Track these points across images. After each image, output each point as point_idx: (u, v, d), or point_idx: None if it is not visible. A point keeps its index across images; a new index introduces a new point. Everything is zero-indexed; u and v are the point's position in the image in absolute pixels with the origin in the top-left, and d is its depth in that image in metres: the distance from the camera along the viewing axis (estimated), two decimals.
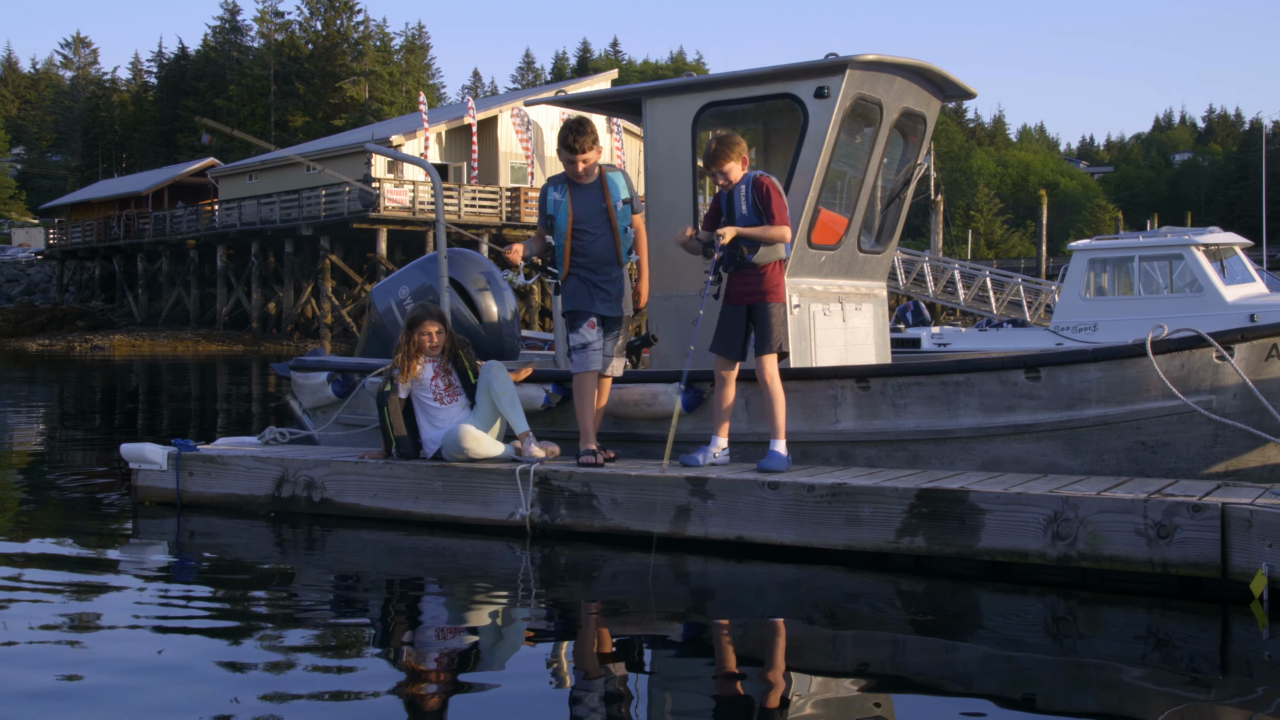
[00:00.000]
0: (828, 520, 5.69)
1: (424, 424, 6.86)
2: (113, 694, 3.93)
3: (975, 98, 8.11)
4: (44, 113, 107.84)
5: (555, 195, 6.56)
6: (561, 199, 6.54)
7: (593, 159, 6.53)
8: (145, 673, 4.16)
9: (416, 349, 6.76)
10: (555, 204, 6.56)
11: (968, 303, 34.21)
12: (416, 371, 6.77)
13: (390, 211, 41.96)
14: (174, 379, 25.64)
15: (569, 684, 4.09)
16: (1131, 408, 5.89)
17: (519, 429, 6.64)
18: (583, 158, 6.48)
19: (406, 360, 6.75)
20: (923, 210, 47.10)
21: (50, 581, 5.60)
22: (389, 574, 5.96)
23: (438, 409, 6.81)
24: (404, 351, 6.76)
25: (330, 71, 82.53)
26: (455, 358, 6.89)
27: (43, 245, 68.22)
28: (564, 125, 6.62)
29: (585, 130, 6.48)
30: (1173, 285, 16.95)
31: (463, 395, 6.88)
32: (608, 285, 6.58)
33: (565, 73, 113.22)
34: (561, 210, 6.54)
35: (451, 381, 6.87)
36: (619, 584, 5.66)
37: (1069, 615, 4.93)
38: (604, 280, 6.57)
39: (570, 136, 6.47)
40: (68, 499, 8.21)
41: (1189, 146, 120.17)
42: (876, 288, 7.97)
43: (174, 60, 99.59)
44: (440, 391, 6.83)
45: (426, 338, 6.76)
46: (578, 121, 6.57)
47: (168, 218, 55.02)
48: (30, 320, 53.60)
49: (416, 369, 6.77)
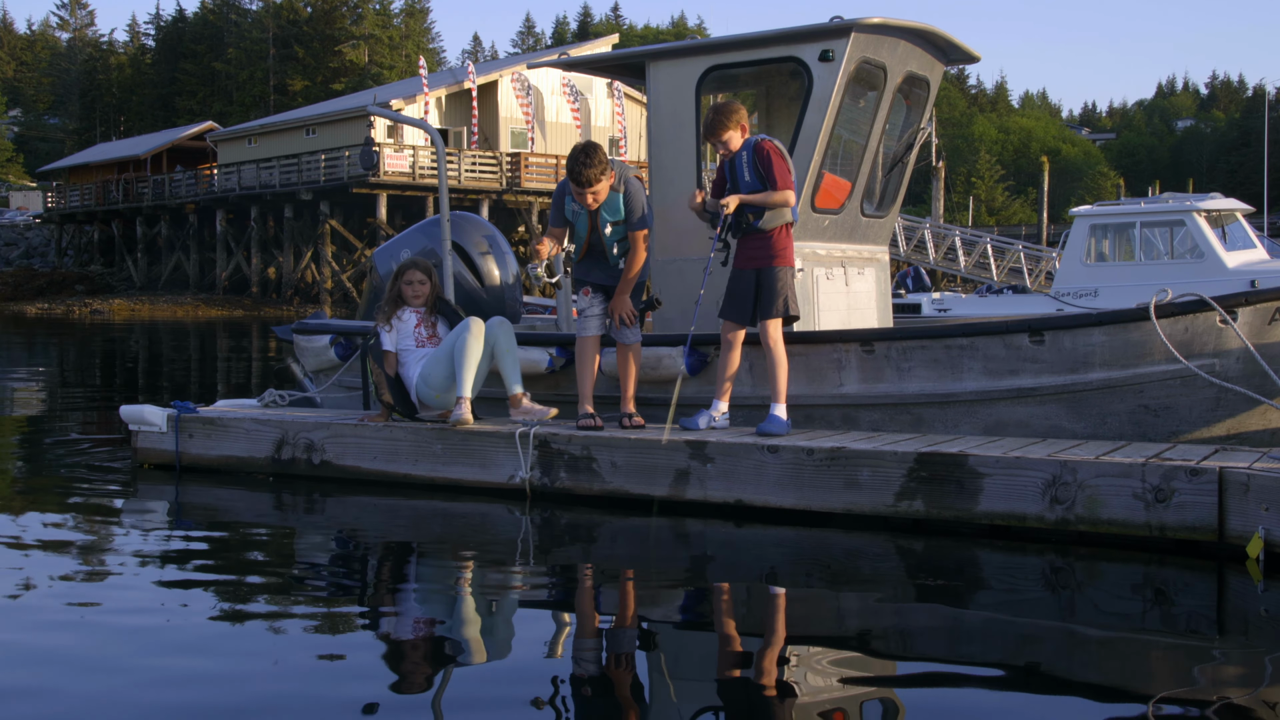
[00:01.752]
0: (827, 484, 5.71)
1: (406, 371, 6.91)
2: (112, 655, 3.96)
3: (978, 62, 8.08)
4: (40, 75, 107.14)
5: (574, 206, 6.49)
6: (581, 210, 6.48)
7: (603, 191, 6.34)
8: (145, 633, 4.18)
9: (399, 296, 6.89)
10: (575, 214, 6.51)
11: (968, 269, 34.17)
12: (398, 315, 6.87)
13: (390, 176, 41.82)
14: (174, 343, 25.64)
15: (569, 648, 4.11)
16: (1134, 371, 5.90)
17: (515, 389, 6.66)
18: (592, 191, 6.30)
19: (389, 306, 6.88)
20: (924, 177, 46.94)
21: (51, 540, 5.62)
22: (388, 536, 5.98)
23: (417, 354, 6.87)
24: (388, 298, 6.92)
25: (329, 35, 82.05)
26: (441, 310, 7.01)
27: (41, 209, 68.03)
28: (571, 155, 6.38)
29: (593, 161, 6.24)
30: (1174, 251, 16.92)
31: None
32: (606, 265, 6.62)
33: (566, 37, 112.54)
34: (581, 220, 6.50)
35: (435, 332, 6.95)
36: (619, 547, 5.69)
37: (1067, 569, 4.96)
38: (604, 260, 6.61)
39: (579, 170, 6.25)
40: (68, 461, 8.23)
41: (1192, 113, 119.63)
42: (879, 252, 7.96)
43: (172, 23, 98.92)
44: (422, 338, 6.90)
45: (409, 287, 6.87)
46: (584, 152, 6.31)
47: (166, 182, 54.82)
48: (29, 284, 53.53)
49: (398, 313, 6.87)
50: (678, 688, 3.69)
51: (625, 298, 6.49)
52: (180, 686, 3.62)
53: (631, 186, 6.41)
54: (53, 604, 4.54)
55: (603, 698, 3.58)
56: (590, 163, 6.24)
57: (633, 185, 6.42)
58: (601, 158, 6.29)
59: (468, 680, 3.74)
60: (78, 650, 3.97)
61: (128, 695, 3.56)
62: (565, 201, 6.51)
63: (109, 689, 3.61)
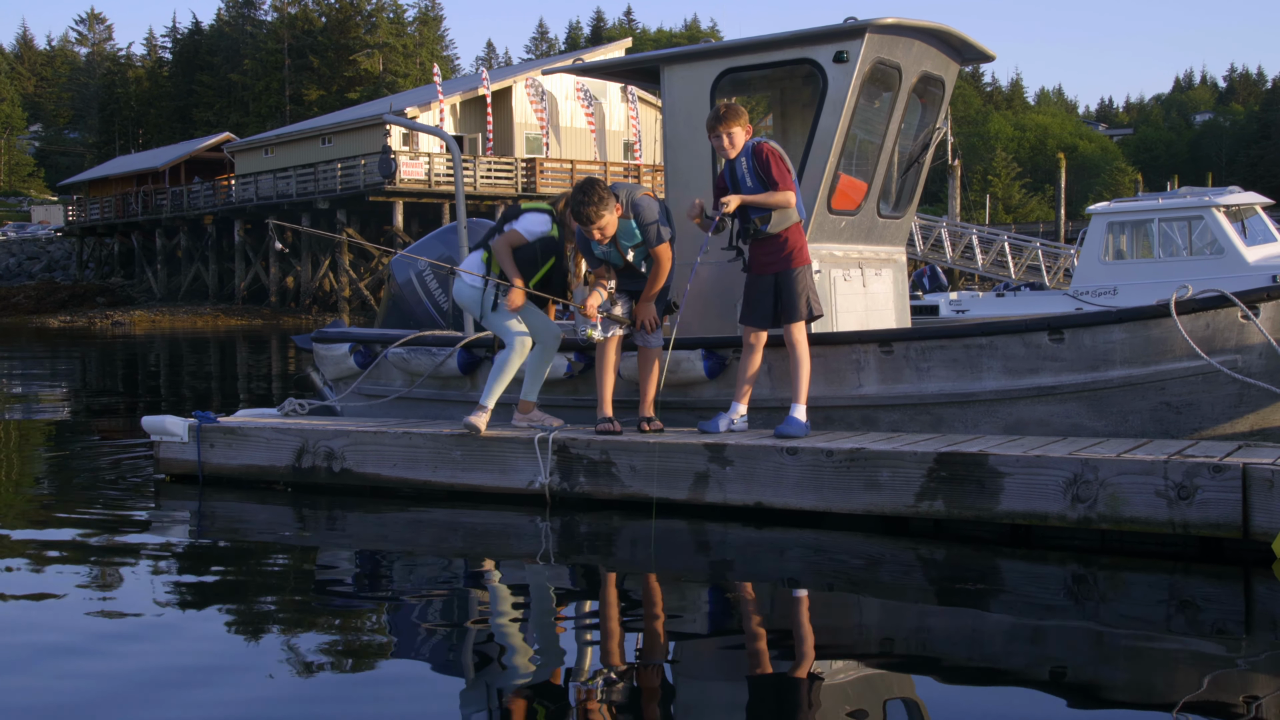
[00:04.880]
0: (846, 485, 5.70)
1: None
2: (133, 661, 3.98)
3: (994, 61, 8.05)
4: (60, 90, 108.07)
5: (602, 248, 6.45)
6: (609, 249, 6.47)
7: (611, 224, 6.28)
8: (164, 641, 4.21)
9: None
10: (605, 253, 6.49)
11: (986, 268, 34.05)
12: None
13: (406, 184, 41.96)
14: (194, 353, 25.78)
15: (595, 654, 4.12)
16: (1156, 368, 5.87)
17: (529, 397, 6.75)
18: (598, 227, 6.24)
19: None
20: (940, 175, 46.80)
21: (76, 551, 5.66)
22: (410, 544, 6.00)
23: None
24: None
25: (344, 44, 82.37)
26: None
27: (62, 222, 68.57)
28: (571, 198, 6.31)
29: (592, 199, 6.19)
30: (1192, 247, 16.81)
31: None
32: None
33: (579, 42, 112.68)
34: (613, 255, 6.50)
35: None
36: (638, 551, 5.69)
37: (1089, 578, 4.94)
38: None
39: (580, 210, 6.21)
40: (91, 471, 8.29)
41: (1210, 107, 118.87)
42: (896, 253, 7.94)
43: (188, 35, 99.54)
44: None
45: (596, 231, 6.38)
46: (581, 191, 6.25)
47: (185, 193, 55.17)
48: (52, 297, 53.93)
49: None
50: (702, 692, 3.69)
51: (650, 305, 6.50)
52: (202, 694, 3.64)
53: (641, 208, 6.35)
54: (74, 614, 4.57)
55: (630, 704, 3.58)
56: (589, 200, 6.19)
57: (642, 206, 6.36)
58: (600, 193, 6.21)
59: (495, 687, 3.75)
60: (100, 659, 4.00)
61: (151, 706, 3.58)
62: (591, 246, 6.49)
63: (130, 700, 3.63)
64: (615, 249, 6.47)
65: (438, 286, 8.31)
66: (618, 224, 6.36)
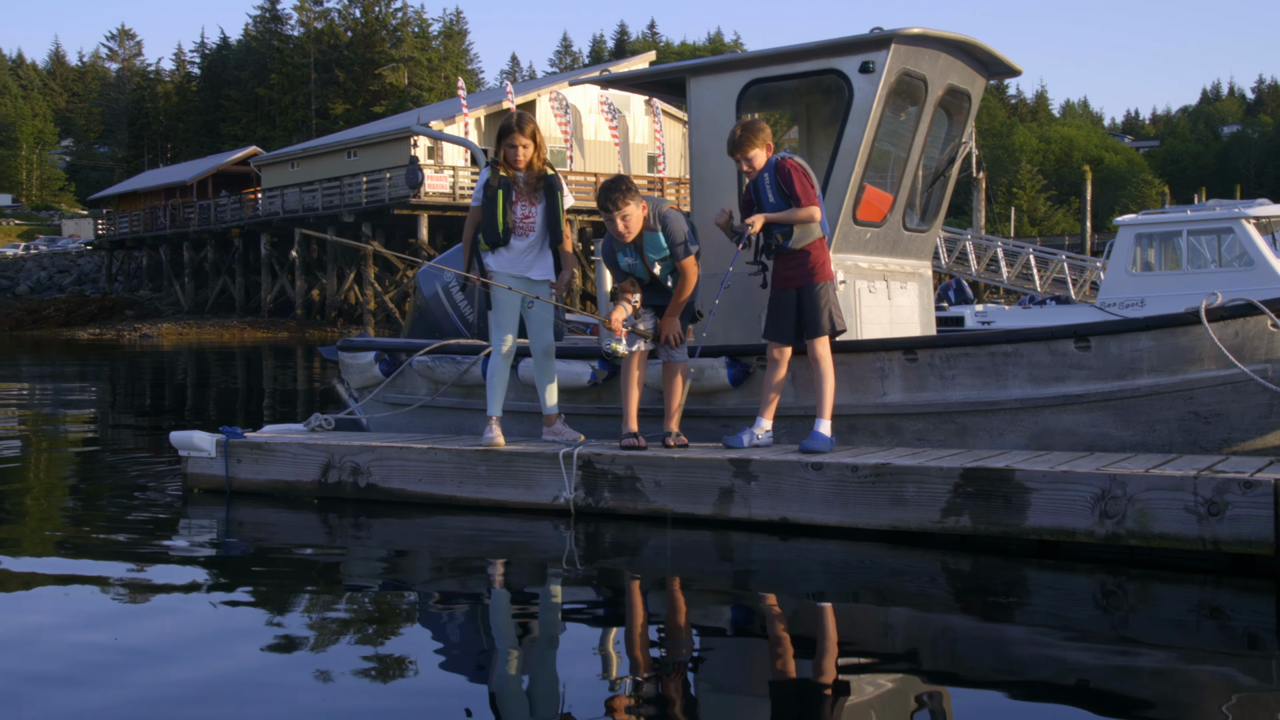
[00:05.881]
0: (872, 500, 5.67)
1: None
2: (160, 674, 3.99)
3: (1020, 75, 8.02)
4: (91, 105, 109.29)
5: (628, 260, 6.52)
6: (635, 261, 6.52)
7: (634, 218, 6.34)
8: (194, 654, 4.22)
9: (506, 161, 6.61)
10: (630, 265, 6.55)
11: (1011, 280, 33.89)
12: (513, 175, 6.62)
13: (430, 197, 42.16)
14: (221, 366, 25.94)
15: (617, 665, 4.11)
16: (1184, 377, 5.82)
17: (548, 410, 6.83)
18: (621, 215, 6.31)
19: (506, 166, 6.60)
20: (965, 188, 46.65)
21: (105, 564, 5.68)
22: (436, 563, 5.99)
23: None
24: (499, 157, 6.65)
25: (369, 59, 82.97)
26: (548, 187, 6.69)
27: (92, 236, 69.32)
28: (599, 192, 6.47)
29: (619, 187, 6.35)
30: (1221, 259, 16.69)
31: (536, 231, 6.67)
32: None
33: (603, 55, 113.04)
34: (639, 268, 6.54)
35: (530, 211, 6.66)
36: (663, 564, 5.67)
37: (1119, 591, 4.89)
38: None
39: (604, 198, 6.35)
40: (119, 486, 8.34)
41: (1238, 118, 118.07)
42: (921, 267, 7.91)
43: (216, 50, 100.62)
44: (515, 219, 6.64)
45: (513, 150, 6.59)
46: (609, 182, 6.42)
47: (212, 206, 55.65)
48: (81, 310, 54.46)
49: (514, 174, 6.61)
50: (728, 707, 3.67)
51: (675, 319, 6.51)
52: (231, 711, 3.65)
53: (668, 221, 6.41)
54: (104, 629, 4.59)
55: (657, 713, 3.57)
56: (615, 187, 6.35)
57: (669, 219, 6.42)
58: (627, 184, 6.40)
59: (522, 702, 3.74)
60: (129, 675, 4.01)
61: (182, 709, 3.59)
62: (617, 258, 6.55)
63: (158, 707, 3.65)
64: (641, 261, 6.48)
65: (464, 299, 8.34)
66: (645, 235, 6.39)
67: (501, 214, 6.57)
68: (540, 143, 6.73)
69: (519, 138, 6.59)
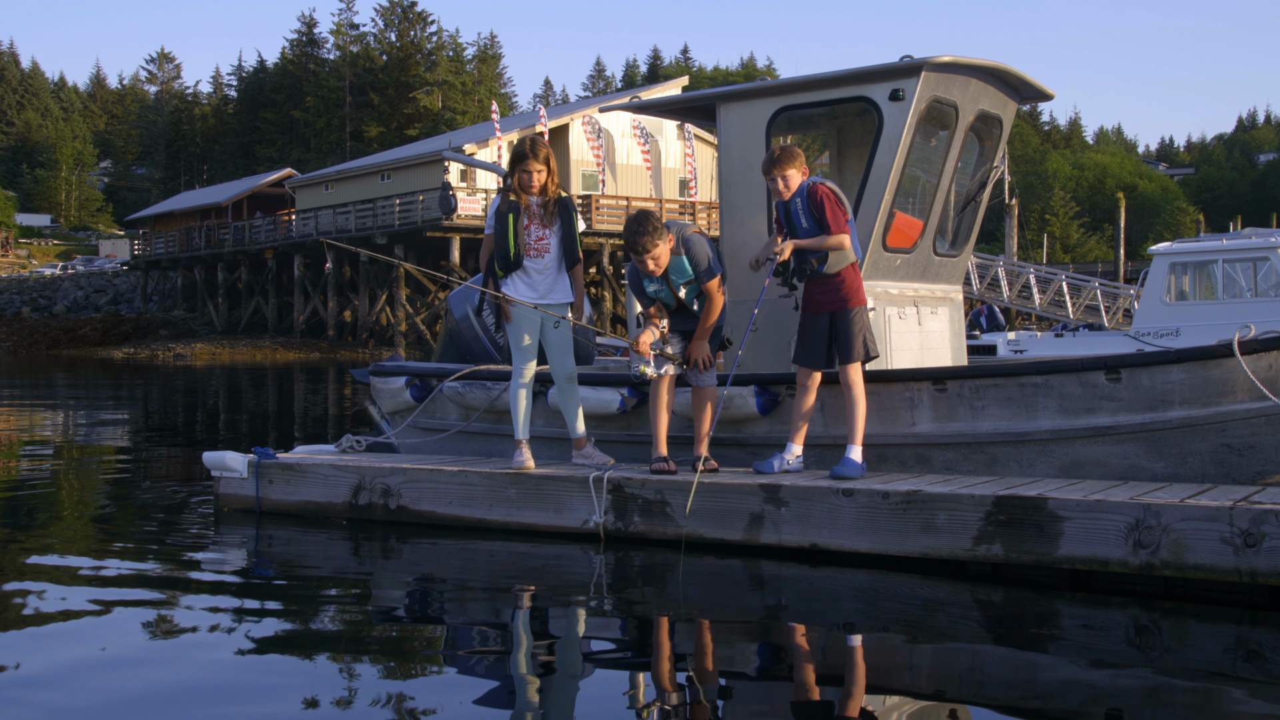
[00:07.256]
0: (903, 528, 5.64)
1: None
2: (191, 695, 4.01)
3: (1052, 99, 8.00)
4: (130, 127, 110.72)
5: (653, 286, 6.55)
6: (661, 286, 6.55)
7: (664, 255, 6.37)
8: (225, 672, 4.24)
9: (520, 186, 6.67)
10: (656, 291, 6.58)
11: (1043, 307, 33.65)
12: (525, 201, 6.67)
13: (463, 220, 42.41)
14: (253, 386, 26.12)
15: (643, 696, 4.09)
16: (1216, 409, 5.76)
17: (576, 434, 6.86)
18: (652, 256, 6.35)
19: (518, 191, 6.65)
20: (997, 214, 46.44)
21: (137, 583, 5.73)
22: (465, 588, 5.98)
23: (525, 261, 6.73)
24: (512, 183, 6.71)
25: (404, 82, 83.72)
26: (563, 210, 6.74)
27: (128, 256, 70.09)
28: (625, 229, 6.49)
29: (646, 228, 6.33)
30: (1257, 288, 16.54)
31: (552, 253, 6.75)
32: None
33: (636, 80, 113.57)
34: (665, 293, 6.58)
35: (545, 234, 6.73)
36: (693, 592, 5.65)
37: (1153, 626, 4.83)
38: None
39: (634, 239, 6.36)
40: (153, 505, 8.40)
41: (1274, 146, 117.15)
42: (952, 292, 7.88)
43: (253, 73, 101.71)
44: (529, 241, 6.72)
45: (527, 175, 6.65)
46: (635, 221, 6.42)
47: (246, 228, 56.18)
48: (117, 329, 55.02)
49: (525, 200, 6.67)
50: None
51: (703, 343, 6.51)
52: None
53: (692, 245, 6.43)
54: (133, 648, 4.62)
55: None
56: (643, 229, 6.33)
57: (693, 243, 6.44)
58: (654, 223, 6.38)
59: None
60: (155, 689, 4.04)
61: None
62: (643, 284, 6.58)
63: None
64: (667, 285, 6.50)
65: (495, 322, 8.37)
66: (670, 259, 6.41)
67: (513, 236, 6.64)
68: (554, 167, 6.79)
69: (533, 163, 6.66)
